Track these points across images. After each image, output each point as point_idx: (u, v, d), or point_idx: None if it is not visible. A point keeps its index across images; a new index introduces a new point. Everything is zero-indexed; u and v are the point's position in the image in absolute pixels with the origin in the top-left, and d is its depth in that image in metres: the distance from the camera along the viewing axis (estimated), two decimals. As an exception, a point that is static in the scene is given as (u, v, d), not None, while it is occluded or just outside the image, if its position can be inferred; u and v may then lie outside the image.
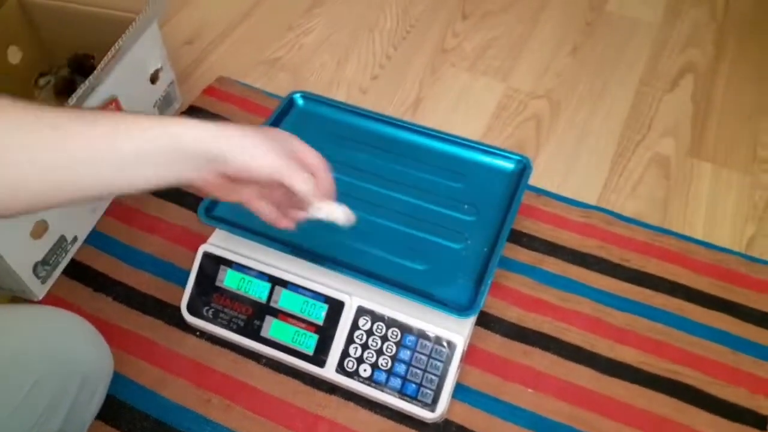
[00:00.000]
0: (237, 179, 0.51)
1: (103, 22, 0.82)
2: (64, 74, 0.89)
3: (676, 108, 0.97)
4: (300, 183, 0.52)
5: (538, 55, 1.04)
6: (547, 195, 0.85)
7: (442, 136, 0.77)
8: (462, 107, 0.96)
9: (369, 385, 0.64)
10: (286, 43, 1.04)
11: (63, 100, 0.87)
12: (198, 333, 0.71)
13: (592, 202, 0.85)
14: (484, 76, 1.00)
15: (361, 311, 0.65)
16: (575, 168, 0.89)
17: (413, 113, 0.95)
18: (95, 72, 0.69)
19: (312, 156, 0.55)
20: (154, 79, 0.83)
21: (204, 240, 0.71)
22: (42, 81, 0.89)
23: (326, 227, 0.70)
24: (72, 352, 0.57)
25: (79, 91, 0.67)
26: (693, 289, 0.76)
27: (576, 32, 1.07)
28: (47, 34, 0.89)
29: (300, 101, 0.80)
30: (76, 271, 0.76)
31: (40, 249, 0.70)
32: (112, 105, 0.76)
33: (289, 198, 0.55)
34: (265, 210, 0.56)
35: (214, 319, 0.68)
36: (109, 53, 0.71)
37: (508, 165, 0.75)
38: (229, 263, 0.69)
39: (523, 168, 0.74)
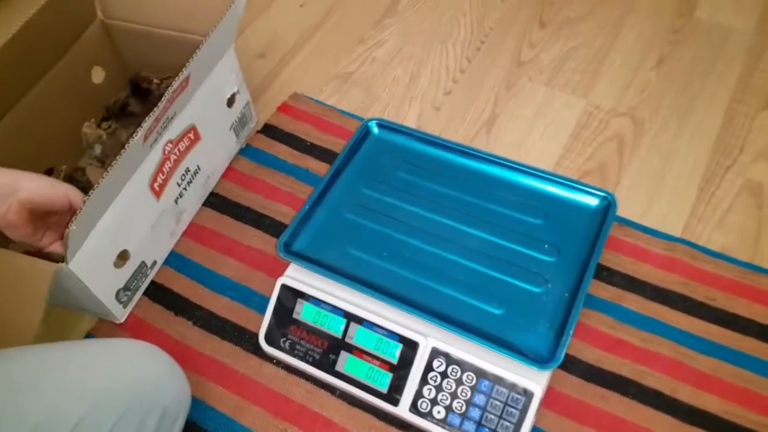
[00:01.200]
0: (36, 214, 0.62)
1: (182, 46, 0.83)
2: (122, 96, 0.90)
3: (772, 128, 0.90)
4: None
5: (621, 68, 0.99)
6: (628, 225, 0.81)
7: (522, 168, 0.75)
8: (539, 125, 0.93)
9: (443, 427, 0.64)
10: (359, 56, 1.03)
11: (123, 124, 0.90)
12: (274, 361, 0.73)
13: (677, 232, 0.81)
14: (562, 92, 0.97)
15: (435, 353, 0.65)
16: (659, 194, 0.85)
17: (488, 131, 0.93)
18: (162, 103, 0.68)
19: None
20: (230, 102, 0.84)
21: (281, 265, 0.73)
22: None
23: (401, 266, 0.70)
24: (153, 384, 0.59)
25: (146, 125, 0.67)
26: (786, 334, 0.72)
27: (662, 42, 1.01)
28: (129, 56, 0.91)
29: (375, 129, 0.80)
30: (157, 293, 0.78)
31: (121, 277, 0.72)
32: (190, 133, 0.77)
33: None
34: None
35: (290, 351, 0.70)
36: (176, 80, 0.70)
37: (592, 201, 0.72)
38: (307, 297, 0.69)
39: (608, 205, 0.71)
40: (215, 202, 0.86)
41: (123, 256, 0.72)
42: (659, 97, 0.95)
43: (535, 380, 0.62)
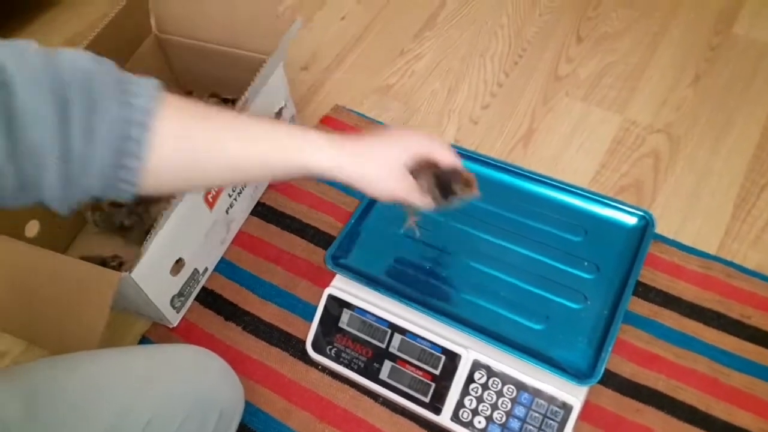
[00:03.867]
0: None
1: (233, 61, 0.87)
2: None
3: (808, 147, 0.91)
4: (419, 204, 0.61)
5: (657, 85, 1.00)
6: (664, 242, 0.83)
7: (561, 185, 0.77)
8: (576, 141, 0.95)
9: (483, 436, 0.67)
10: (398, 69, 1.06)
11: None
12: (320, 367, 0.76)
13: (713, 249, 0.83)
14: (599, 107, 0.98)
15: (476, 365, 0.68)
16: (695, 211, 0.87)
17: (525, 146, 0.95)
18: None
19: (442, 155, 0.61)
20: (278, 115, 0.87)
21: (326, 274, 0.76)
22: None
23: (443, 280, 0.73)
24: (211, 388, 0.62)
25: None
26: (820, 354, 0.73)
27: (698, 58, 1.02)
28: (182, 71, 0.94)
29: (419, 145, 0.82)
30: (208, 299, 0.82)
31: (176, 283, 0.76)
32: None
33: None
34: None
35: (336, 359, 0.73)
36: (243, 97, 0.75)
37: (631, 220, 0.74)
38: (353, 307, 0.72)
39: (646, 224, 0.73)
40: (262, 211, 0.89)
41: (179, 264, 0.75)
42: (695, 115, 0.96)
43: (573, 394, 0.64)
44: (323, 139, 0.55)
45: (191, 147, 0.48)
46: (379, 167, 0.57)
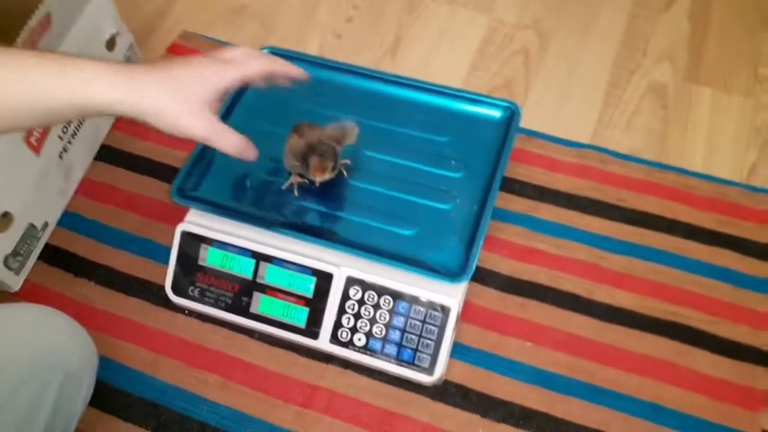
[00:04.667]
0: None
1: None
2: None
3: (672, 29, 0.91)
4: (228, 148, 0.54)
5: (522, -20, 0.96)
6: (538, 137, 0.81)
7: (422, 85, 0.73)
8: (444, 46, 0.90)
9: (365, 353, 0.63)
10: (251, -13, 0.97)
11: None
12: (187, 312, 0.69)
13: (586, 140, 0.81)
14: (465, 9, 0.94)
15: (350, 281, 0.63)
16: (567, 104, 0.85)
17: (393, 57, 0.90)
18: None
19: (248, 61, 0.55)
20: (111, 46, 0.77)
21: (183, 213, 0.68)
22: None
23: (305, 198, 0.67)
24: (52, 348, 0.56)
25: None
26: (693, 226, 0.74)
27: (562, -49, 0.99)
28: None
29: (269, 58, 0.75)
30: (53, 256, 0.73)
31: (8, 241, 0.67)
32: (66, 79, 0.70)
33: None
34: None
35: (201, 299, 0.66)
36: (30, 22, 0.64)
37: (496, 113, 0.71)
38: (210, 241, 0.66)
39: (512, 115, 0.69)
40: (107, 154, 0.80)
41: (5, 219, 0.66)
42: (561, 8, 0.94)
43: (450, 295, 0.61)
44: (101, 69, 0.47)
45: None
46: (172, 101, 0.50)
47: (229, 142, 0.54)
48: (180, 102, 0.50)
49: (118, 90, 0.47)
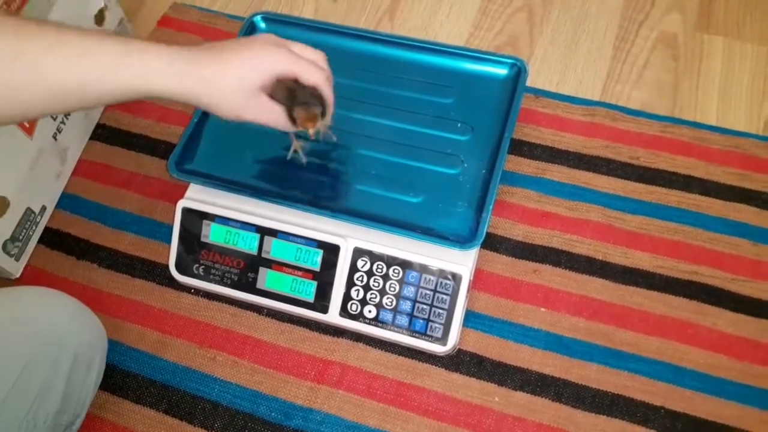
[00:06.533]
0: None
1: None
2: None
3: (682, -24, 0.87)
4: (274, 125, 0.54)
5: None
6: (545, 95, 0.78)
7: (424, 45, 0.70)
8: (444, 5, 0.87)
9: (376, 325, 0.62)
10: (242, -47, 0.93)
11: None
12: (192, 291, 0.68)
13: (596, 97, 0.78)
14: (465, -34, 0.90)
15: (358, 252, 0.61)
16: (575, 60, 0.81)
17: (390, 19, 0.86)
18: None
19: (310, 68, 0.54)
20: (99, 20, 0.74)
21: (184, 190, 0.67)
22: None
23: (308, 168, 0.65)
24: (59, 330, 0.55)
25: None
26: (708, 181, 0.71)
27: None
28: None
29: (262, 24, 0.72)
30: (54, 240, 0.71)
31: (5, 227, 0.65)
32: (54, 56, 0.68)
33: None
34: None
35: (206, 276, 0.65)
36: None
37: (501, 71, 0.68)
38: (212, 217, 0.64)
39: (518, 72, 0.67)
40: (103, 133, 0.78)
41: (1, 204, 0.64)
42: (566, -41, 0.89)
43: (461, 262, 0.60)
44: (164, 58, 0.47)
45: None
46: (233, 92, 0.50)
47: (278, 122, 0.54)
48: (238, 94, 0.50)
49: (178, 80, 0.48)
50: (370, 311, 0.62)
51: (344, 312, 0.62)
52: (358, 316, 0.62)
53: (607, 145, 0.74)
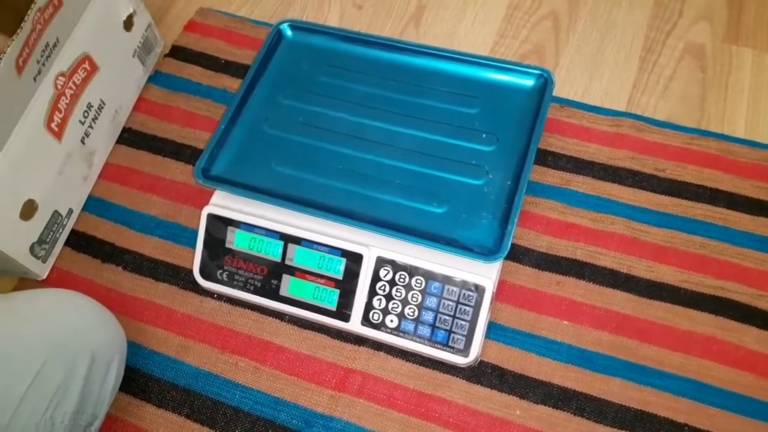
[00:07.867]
0: None
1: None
2: None
3: (711, -14, 0.86)
4: None
5: (551, -60, 0.92)
6: (571, 105, 0.77)
7: (450, 54, 0.69)
8: (469, 12, 0.87)
9: (397, 335, 0.62)
10: (268, -41, 0.94)
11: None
12: (215, 296, 0.68)
13: (621, 107, 0.78)
14: (491, -27, 0.90)
15: (381, 261, 0.62)
16: (600, 70, 0.81)
17: (416, 25, 0.86)
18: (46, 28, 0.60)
19: None
20: (128, 26, 0.75)
21: (208, 196, 0.67)
22: None
23: (332, 177, 0.65)
24: (76, 330, 0.56)
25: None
26: (736, 195, 0.70)
27: None
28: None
29: (288, 32, 0.72)
30: (80, 242, 0.72)
31: (33, 229, 0.66)
32: (84, 63, 0.69)
33: None
34: None
35: (229, 282, 0.65)
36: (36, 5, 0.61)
37: (528, 82, 0.68)
38: (237, 224, 0.64)
39: (545, 83, 0.66)
40: (129, 138, 0.79)
41: (30, 207, 0.65)
42: (593, -33, 0.89)
43: (484, 274, 0.59)
44: None
45: None
46: None
47: None
48: None
49: None
50: (391, 321, 0.62)
51: (366, 321, 0.62)
52: (380, 326, 0.62)
53: (633, 156, 0.74)
